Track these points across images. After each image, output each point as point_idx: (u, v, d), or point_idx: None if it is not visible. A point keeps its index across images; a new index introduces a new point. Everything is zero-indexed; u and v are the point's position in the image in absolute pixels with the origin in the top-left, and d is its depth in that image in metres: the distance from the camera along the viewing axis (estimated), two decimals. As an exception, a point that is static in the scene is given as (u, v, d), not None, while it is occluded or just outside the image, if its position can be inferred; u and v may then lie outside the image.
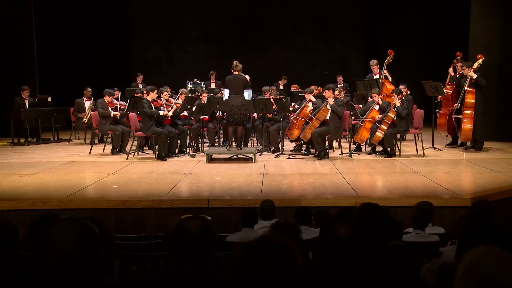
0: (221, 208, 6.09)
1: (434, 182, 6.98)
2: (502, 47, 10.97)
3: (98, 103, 10.24)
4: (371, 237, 2.63)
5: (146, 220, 6.08)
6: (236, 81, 9.07)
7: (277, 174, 7.83)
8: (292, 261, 1.53)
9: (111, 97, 10.33)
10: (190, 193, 6.77)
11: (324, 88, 9.41)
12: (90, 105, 11.57)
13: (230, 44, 16.17)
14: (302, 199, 6.14)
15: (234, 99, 9.04)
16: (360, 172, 8.17)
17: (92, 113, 10.70)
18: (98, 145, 10.75)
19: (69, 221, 1.83)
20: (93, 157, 9.64)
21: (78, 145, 11.40)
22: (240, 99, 9.02)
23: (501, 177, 7.27)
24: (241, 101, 9.03)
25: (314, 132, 9.00)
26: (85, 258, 1.73)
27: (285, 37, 16.56)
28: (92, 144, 10.47)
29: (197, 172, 8.05)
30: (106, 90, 10.38)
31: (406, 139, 10.88)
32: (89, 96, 11.82)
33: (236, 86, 9.07)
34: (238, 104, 8.98)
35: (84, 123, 11.56)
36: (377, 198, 6.17)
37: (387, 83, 10.66)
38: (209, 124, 10.34)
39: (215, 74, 13.79)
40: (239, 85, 9.05)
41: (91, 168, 8.50)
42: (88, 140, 11.23)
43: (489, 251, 1.57)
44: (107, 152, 9.97)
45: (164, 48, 16.59)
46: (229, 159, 9.22)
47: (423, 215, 4.53)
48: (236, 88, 9.07)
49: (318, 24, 16.65)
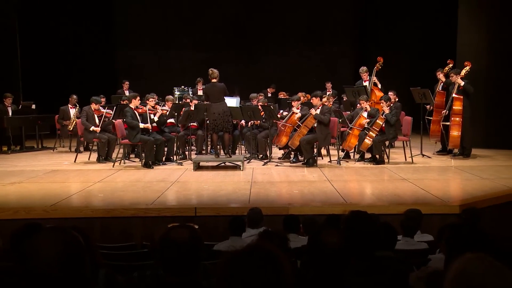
0: (208, 216, 6.08)
1: (423, 189, 7.03)
2: (489, 55, 11.10)
3: (84, 110, 10.17)
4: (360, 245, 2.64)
5: (132, 229, 6.05)
6: (215, 89, 9.04)
7: (265, 181, 7.83)
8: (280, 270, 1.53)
9: (98, 105, 10.27)
10: (177, 201, 6.75)
11: (312, 95, 9.45)
12: (76, 113, 11.49)
13: (218, 51, 16.17)
14: (290, 207, 6.14)
15: (215, 107, 9.03)
16: (348, 180, 8.20)
17: (77, 120, 10.63)
18: (84, 153, 10.68)
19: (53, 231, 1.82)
20: (78, 165, 9.57)
21: (63, 153, 11.31)
22: (221, 107, 8.99)
23: (489, 184, 7.33)
24: (223, 108, 9.01)
25: (302, 139, 9.03)
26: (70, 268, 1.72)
27: (274, 44, 16.61)
28: (77, 152, 10.40)
29: (184, 180, 8.03)
30: (93, 97, 10.32)
31: (394, 146, 10.94)
32: (74, 104, 11.75)
33: (215, 94, 9.04)
34: (219, 112, 8.96)
35: (69, 131, 11.48)
36: (366, 205, 6.21)
37: (376, 90, 10.73)
38: (198, 131, 10.32)
39: (202, 81, 13.77)
40: (218, 93, 9.02)
41: (76, 176, 8.44)
42: (73, 148, 11.16)
43: (477, 258, 1.58)
44: (92, 160, 9.90)
45: (151, 54, 16.55)
46: (216, 167, 9.20)
47: (411, 222, 4.56)
48: (215, 96, 9.04)
49: (308, 31, 16.73)
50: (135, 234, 5.95)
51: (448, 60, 10.48)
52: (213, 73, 9.07)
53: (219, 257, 4.01)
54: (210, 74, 9.07)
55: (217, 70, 9.12)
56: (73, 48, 15.83)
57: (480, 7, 11.38)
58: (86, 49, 15.88)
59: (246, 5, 16.56)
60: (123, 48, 16.62)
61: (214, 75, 9.06)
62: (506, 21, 10.95)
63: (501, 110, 10.94)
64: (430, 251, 4.17)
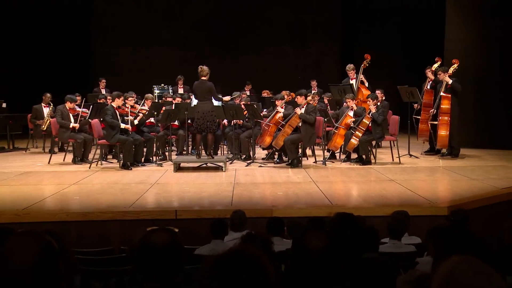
0: (189, 219, 6.07)
1: (410, 191, 7.09)
2: (478, 51, 11.22)
3: (58, 109, 10.07)
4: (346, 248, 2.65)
5: (110, 233, 6.01)
6: (202, 87, 9.03)
7: (248, 183, 7.83)
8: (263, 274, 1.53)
9: (73, 104, 10.18)
10: (157, 204, 6.73)
11: (296, 94, 9.47)
12: (49, 112, 11.37)
13: (200, 48, 16.14)
14: (274, 209, 6.16)
15: (200, 105, 9.02)
16: (334, 181, 8.24)
17: (51, 120, 10.53)
18: (58, 154, 10.57)
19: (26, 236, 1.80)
20: (53, 166, 9.47)
21: (36, 154, 11.19)
22: (207, 106, 8.98)
23: (478, 185, 7.43)
24: (208, 107, 9.00)
25: (286, 139, 9.05)
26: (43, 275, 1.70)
27: (258, 41, 16.62)
28: (52, 153, 10.29)
29: (164, 181, 8.00)
30: (68, 96, 10.22)
31: (381, 146, 11.02)
32: (48, 102, 11.61)
33: (202, 92, 9.03)
34: (205, 111, 8.95)
35: (43, 131, 11.35)
36: (352, 207, 6.23)
37: (363, 88, 10.78)
38: (179, 131, 10.29)
39: (183, 79, 13.75)
40: (205, 92, 9.01)
41: (50, 178, 8.35)
42: (47, 149, 11.04)
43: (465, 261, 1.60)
44: (68, 161, 9.81)
45: (129, 51, 16.45)
46: (198, 168, 9.18)
47: (399, 224, 4.59)
48: (202, 94, 9.03)
49: (293, 28, 16.77)
50: (113, 238, 5.92)
51: (436, 58, 10.57)
52: (203, 71, 9.05)
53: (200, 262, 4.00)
54: (200, 72, 9.05)
55: (207, 68, 9.09)
56: (47, 44, 15.64)
57: (469, 2, 11.51)
58: (61, 45, 15.71)
59: (227, 0, 16.55)
60: (100, 45, 16.48)
61: (203, 72, 9.04)
62: (495, 17, 11.07)
63: (490, 108, 11.05)
64: (418, 254, 4.20)
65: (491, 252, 3.11)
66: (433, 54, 10.90)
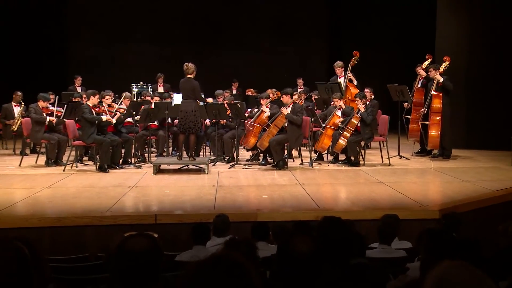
0: (170, 224, 6.07)
1: (401, 193, 7.14)
2: (470, 48, 11.33)
3: (31, 108, 9.97)
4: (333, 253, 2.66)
5: (86, 239, 5.98)
6: (187, 85, 9.01)
7: (232, 186, 7.83)
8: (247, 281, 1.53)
9: (46, 102, 10.08)
10: (136, 208, 6.72)
11: (282, 92, 9.49)
12: (21, 111, 11.26)
13: (180, 44, 16.08)
14: (259, 213, 6.17)
15: (185, 104, 9.00)
16: (321, 183, 8.27)
17: (22, 120, 10.42)
18: (30, 156, 10.47)
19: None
20: (24, 169, 9.38)
21: (6, 156, 11.06)
22: (191, 105, 8.97)
23: (470, 187, 7.51)
24: (192, 107, 8.98)
25: (272, 140, 9.06)
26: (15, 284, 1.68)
27: (241, 37, 16.60)
28: (23, 155, 10.20)
29: (144, 184, 7.97)
30: (41, 94, 10.13)
31: (370, 147, 11.08)
32: (19, 101, 11.50)
33: (186, 91, 9.02)
34: (188, 110, 8.93)
35: (13, 131, 11.23)
36: (340, 211, 6.28)
37: (351, 86, 10.84)
38: (159, 131, 10.26)
39: (163, 76, 13.70)
40: (189, 90, 8.99)
41: (21, 181, 8.27)
42: (18, 151, 10.93)
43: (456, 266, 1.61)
44: (40, 163, 9.72)
45: (106, 47, 16.33)
46: (179, 170, 9.16)
47: (388, 228, 4.62)
48: (187, 93, 9.01)
49: (277, 23, 16.80)
50: (89, 244, 5.88)
51: (427, 55, 10.65)
52: (189, 68, 9.04)
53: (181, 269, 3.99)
54: (186, 69, 9.03)
55: (193, 65, 9.07)
56: (18, 39, 15.47)
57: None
58: (34, 41, 15.55)
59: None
60: (75, 40, 16.35)
61: (189, 70, 9.03)
62: (487, 13, 11.18)
63: (483, 108, 11.14)
64: (409, 259, 4.24)
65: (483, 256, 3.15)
66: (424, 51, 10.99)
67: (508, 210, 6.73)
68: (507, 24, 10.19)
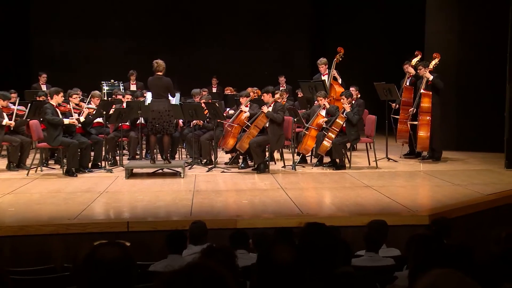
0: (143, 232, 6.05)
1: (389, 198, 7.20)
2: (461, 45, 11.44)
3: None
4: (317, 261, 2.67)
5: (51, 249, 5.93)
6: (159, 83, 8.98)
7: (210, 190, 7.83)
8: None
9: (7, 101, 9.96)
10: (106, 215, 6.69)
11: (263, 91, 9.50)
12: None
13: (154, 39, 16.03)
14: (238, 219, 6.18)
15: (156, 104, 8.97)
16: (305, 187, 8.29)
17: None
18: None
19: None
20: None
21: (-35, 159, 10.91)
22: (163, 104, 8.94)
23: (462, 191, 7.59)
24: (165, 106, 8.95)
25: (252, 142, 9.06)
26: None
27: (220, 32, 16.59)
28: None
29: (115, 190, 7.93)
30: (0, 92, 10.01)
31: (357, 149, 11.15)
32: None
33: (158, 89, 8.99)
34: (161, 110, 8.90)
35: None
36: (324, 216, 6.30)
37: (336, 85, 10.89)
38: (131, 132, 10.20)
39: (136, 74, 13.63)
40: (161, 88, 8.96)
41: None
42: (-22, 153, 10.80)
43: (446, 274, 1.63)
44: (1, 167, 9.61)
45: (73, 42, 16.19)
46: (153, 174, 9.12)
47: (376, 235, 4.65)
48: (158, 91, 8.98)
49: (257, 17, 16.82)
50: (54, 254, 5.84)
51: (416, 51, 10.73)
52: (159, 66, 9.01)
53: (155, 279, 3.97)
54: (156, 67, 9.00)
55: (163, 62, 9.06)
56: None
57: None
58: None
59: (186, -15, 16.53)
60: (40, 35, 16.19)
61: (159, 67, 9.01)
62: (478, 7, 11.29)
63: (474, 107, 11.25)
64: (397, 267, 4.27)
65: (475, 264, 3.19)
66: (413, 47, 11.07)
67: (500, 215, 6.82)
68: (498, 19, 10.29)
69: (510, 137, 9.21)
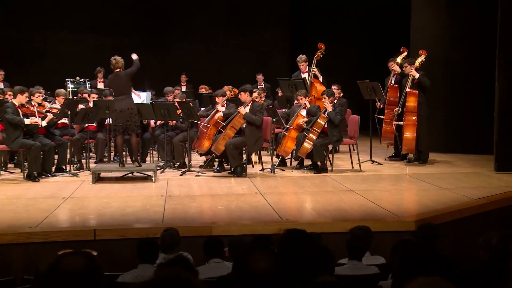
0: (111, 240, 6.02)
1: (373, 203, 7.25)
2: (448, 41, 11.54)
3: None
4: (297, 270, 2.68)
5: (11, 259, 5.87)
6: (118, 80, 8.95)
7: (183, 195, 7.82)
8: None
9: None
10: (71, 222, 6.64)
11: (240, 90, 9.51)
12: None
13: (123, 34, 15.93)
14: (214, 226, 6.19)
15: (118, 103, 8.93)
16: (284, 192, 8.31)
17: None
18: None
19: None
20: None
21: None
22: (124, 103, 8.90)
23: (449, 195, 7.67)
24: (127, 104, 8.91)
25: (228, 144, 9.06)
26: None
27: (193, 28, 16.56)
28: None
29: (81, 195, 7.88)
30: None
31: (339, 151, 11.20)
32: None
33: (118, 87, 8.95)
34: (123, 108, 8.86)
35: None
36: (305, 223, 6.33)
37: (316, 83, 10.93)
38: (98, 134, 10.14)
39: (103, 71, 13.54)
40: (122, 85, 8.93)
41: None
42: None
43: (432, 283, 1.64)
44: (-42, 171, 9.49)
45: (34, 36, 16.03)
46: (122, 178, 9.08)
47: (359, 242, 4.67)
48: (119, 89, 8.95)
49: (234, 12, 16.82)
50: (14, 265, 5.79)
51: (402, 48, 10.82)
52: (117, 62, 8.98)
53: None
54: (114, 64, 8.96)
55: (121, 59, 9.02)
56: None
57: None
58: None
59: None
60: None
61: (118, 64, 8.98)
62: (466, 1, 11.37)
63: (463, 107, 11.34)
64: (382, 276, 4.29)
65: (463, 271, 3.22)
66: (398, 44, 11.16)
67: (490, 221, 6.90)
68: (487, 13, 10.39)
69: (499, 138, 9.31)
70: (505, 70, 9.28)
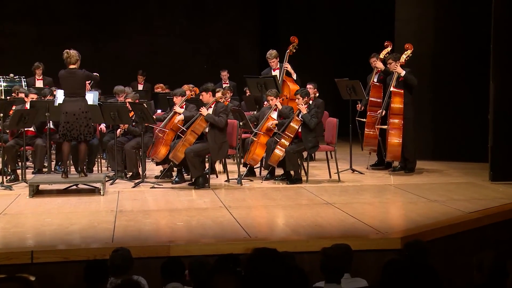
0: (52, 263, 5.93)
1: (353, 217, 7.27)
2: (436, 34, 11.66)
3: None
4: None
5: None
6: (72, 79, 8.87)
7: (137, 210, 7.78)
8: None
9: None
10: (4, 243, 6.52)
11: (201, 89, 9.49)
12: None
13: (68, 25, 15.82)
14: (172, 245, 6.14)
15: (70, 104, 8.84)
16: (253, 206, 8.32)
17: None
18: None
19: None
20: None
21: None
22: (78, 104, 8.82)
23: (439, 208, 7.74)
24: (81, 107, 8.84)
25: (188, 151, 9.04)
26: None
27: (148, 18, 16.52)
28: None
29: (16, 211, 7.80)
30: None
31: (315, 159, 11.24)
32: None
33: (71, 86, 8.87)
34: (76, 111, 8.78)
35: None
36: (276, 241, 6.35)
37: (289, 81, 10.98)
38: (37, 140, 10.03)
39: (43, 67, 13.41)
40: (76, 85, 8.85)
41: None
42: None
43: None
44: None
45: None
46: (65, 191, 9.00)
47: (337, 262, 4.67)
48: (72, 89, 8.86)
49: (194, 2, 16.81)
50: None
51: (385, 42, 10.89)
52: (71, 57, 8.88)
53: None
54: (66, 58, 8.87)
55: (76, 52, 8.93)
56: None
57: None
58: None
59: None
60: None
61: (72, 59, 8.88)
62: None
63: (453, 109, 11.45)
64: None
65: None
66: (381, 37, 11.24)
67: (485, 238, 6.97)
68: (479, 4, 10.53)
69: (495, 144, 9.40)
70: (501, 67, 9.35)
